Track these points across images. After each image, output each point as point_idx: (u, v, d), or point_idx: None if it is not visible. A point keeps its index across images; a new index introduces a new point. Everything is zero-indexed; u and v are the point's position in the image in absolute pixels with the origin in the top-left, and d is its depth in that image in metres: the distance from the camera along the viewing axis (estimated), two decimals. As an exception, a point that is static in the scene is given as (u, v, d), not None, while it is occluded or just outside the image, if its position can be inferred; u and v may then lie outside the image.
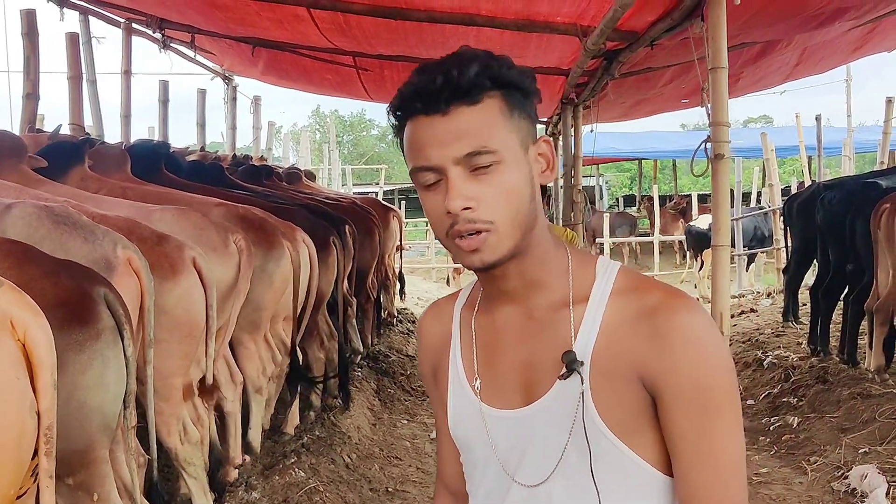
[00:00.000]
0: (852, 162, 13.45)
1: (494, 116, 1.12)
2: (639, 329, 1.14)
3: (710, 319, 1.16)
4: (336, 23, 5.94)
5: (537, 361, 1.21)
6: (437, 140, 1.11)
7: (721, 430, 1.12)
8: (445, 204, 1.11)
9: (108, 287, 2.35)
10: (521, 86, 1.16)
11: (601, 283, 1.21)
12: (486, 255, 1.13)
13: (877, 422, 4.61)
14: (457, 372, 1.31)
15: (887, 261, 5.21)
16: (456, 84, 1.10)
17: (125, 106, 7.46)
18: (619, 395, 1.14)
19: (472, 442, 1.29)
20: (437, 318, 1.39)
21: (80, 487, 2.34)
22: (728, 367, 1.14)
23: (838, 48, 7.24)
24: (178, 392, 3.22)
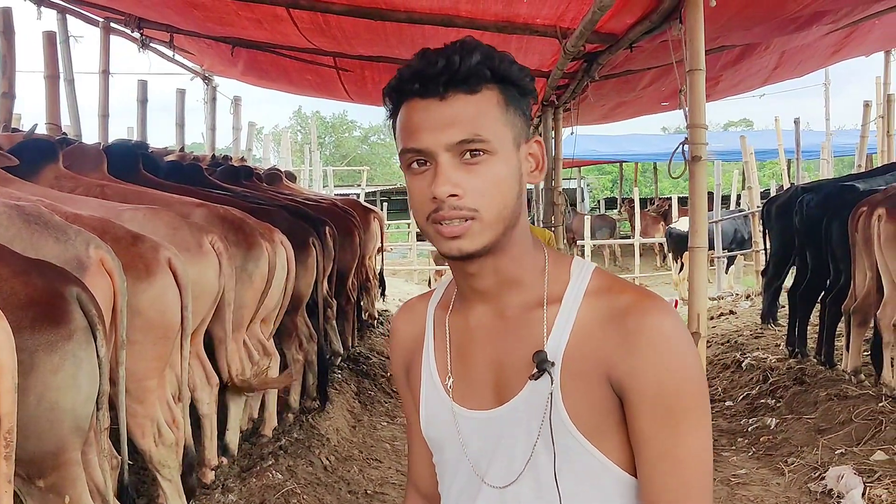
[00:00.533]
0: (830, 165, 13.56)
1: (491, 108, 1.13)
2: (609, 330, 1.14)
3: (679, 323, 1.16)
4: (315, 23, 5.91)
5: (509, 362, 1.21)
6: (431, 124, 1.12)
7: (685, 433, 1.11)
8: (432, 189, 1.11)
9: (80, 287, 2.33)
10: (520, 83, 1.17)
11: (575, 284, 1.21)
12: (465, 244, 1.13)
13: (853, 423, 4.65)
14: (430, 371, 1.30)
15: (865, 263, 5.25)
16: (456, 70, 1.11)
17: (103, 106, 7.41)
18: (588, 395, 1.14)
19: (444, 442, 1.29)
20: (410, 318, 1.39)
21: (51, 490, 2.31)
22: (696, 372, 1.14)
23: (816, 52, 7.30)
24: (152, 394, 3.19)
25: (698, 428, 1.12)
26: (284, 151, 15.36)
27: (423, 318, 1.36)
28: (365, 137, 45.27)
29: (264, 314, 4.36)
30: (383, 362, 7.43)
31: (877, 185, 6.12)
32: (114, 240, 2.99)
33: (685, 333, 1.15)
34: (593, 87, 6.63)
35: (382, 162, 43.69)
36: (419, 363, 1.33)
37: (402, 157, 1.16)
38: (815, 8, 4.64)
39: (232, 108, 10.64)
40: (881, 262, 4.95)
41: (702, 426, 1.13)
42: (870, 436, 4.46)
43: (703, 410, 1.14)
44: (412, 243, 18.37)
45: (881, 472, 3.98)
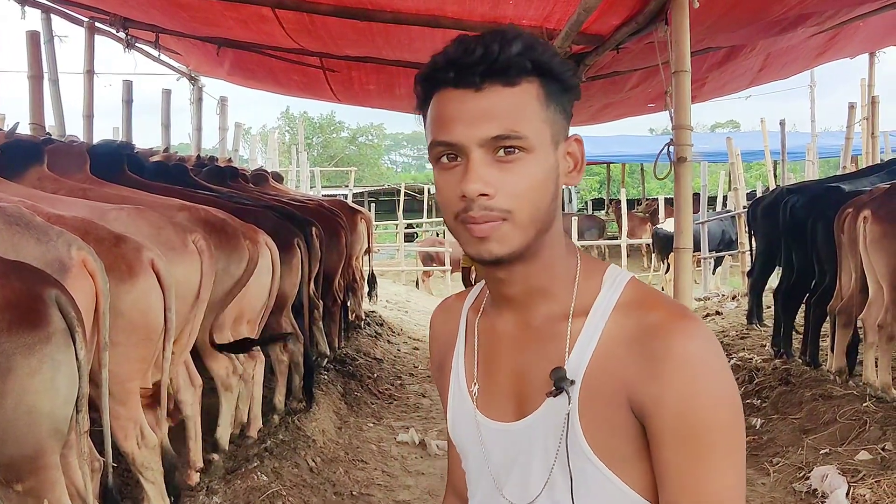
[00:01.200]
0: (816, 166, 13.63)
1: (530, 102, 1.05)
2: (633, 350, 1.06)
3: (711, 347, 1.04)
4: (301, 23, 5.90)
5: (531, 374, 1.15)
6: (465, 117, 1.04)
7: (710, 469, 1.01)
8: (462, 186, 1.04)
9: (59, 289, 2.30)
10: (562, 77, 1.09)
11: (605, 296, 1.13)
12: (495, 247, 1.06)
13: (837, 423, 4.66)
14: (458, 375, 1.26)
15: (850, 264, 5.27)
16: (494, 60, 1.03)
17: (88, 106, 7.38)
18: (608, 419, 1.07)
19: (468, 449, 1.25)
20: (446, 316, 1.35)
21: (29, 494, 2.29)
22: (726, 402, 1.03)
23: (801, 54, 7.34)
24: (135, 396, 3.17)
25: (726, 464, 1.02)
26: (271, 152, 15.32)
27: (457, 319, 1.31)
28: (353, 138, 45.23)
29: (249, 315, 4.34)
30: (370, 363, 7.41)
31: (862, 186, 6.15)
32: (96, 241, 2.96)
33: (717, 359, 1.04)
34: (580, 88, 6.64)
35: (370, 163, 43.73)
36: (450, 365, 1.29)
37: (431, 151, 1.09)
38: (800, 10, 4.67)
39: (218, 108, 10.60)
40: (866, 263, 4.98)
41: (731, 462, 1.02)
42: (854, 436, 4.48)
43: (733, 446, 1.03)
44: (400, 244, 18.35)
45: (865, 472, 4.00)
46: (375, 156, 46.74)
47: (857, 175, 7.26)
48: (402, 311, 11.21)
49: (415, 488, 4.71)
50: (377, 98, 9.11)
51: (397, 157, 65.23)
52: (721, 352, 1.06)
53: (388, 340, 8.83)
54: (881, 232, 4.81)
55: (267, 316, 4.64)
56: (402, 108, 9.83)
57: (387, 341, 8.76)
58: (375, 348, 8.12)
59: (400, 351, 8.56)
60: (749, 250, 8.25)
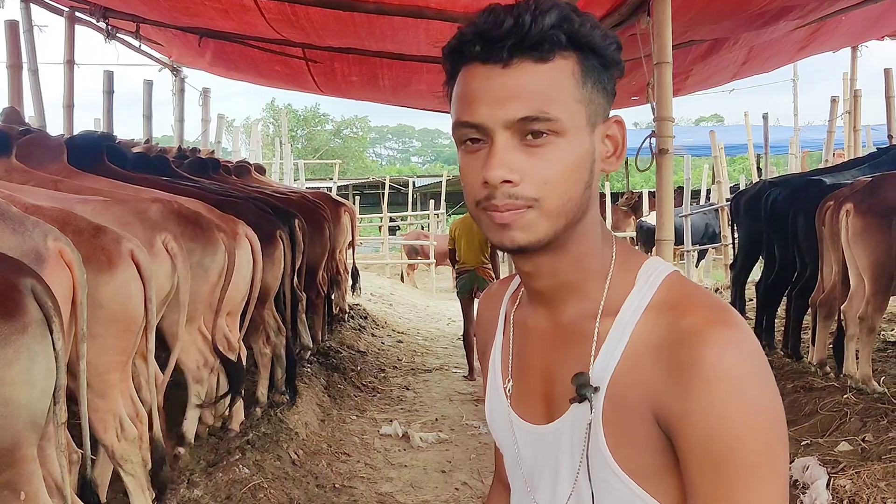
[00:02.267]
0: (799, 160, 13.70)
1: (564, 80, 0.95)
2: (662, 358, 0.95)
3: (751, 358, 0.92)
4: (283, 13, 5.86)
5: (559, 376, 1.06)
6: (490, 95, 0.95)
7: (743, 493, 0.90)
8: (484, 172, 0.95)
9: (35, 279, 2.27)
10: (603, 52, 0.98)
11: (638, 294, 1.02)
12: (518, 235, 0.97)
13: (819, 414, 4.69)
14: (494, 370, 1.20)
15: (831, 256, 5.30)
16: (526, 33, 0.93)
17: (68, 96, 7.30)
18: (634, 431, 0.97)
19: (504, 444, 1.19)
20: (489, 304, 1.27)
21: (6, 486, 2.25)
22: (765, 421, 0.91)
23: (784, 47, 7.37)
24: (114, 388, 3.13)
25: (763, 489, 0.90)
26: (255, 144, 15.25)
27: (499, 306, 1.23)
28: (337, 131, 45.09)
29: (229, 307, 4.31)
30: (353, 356, 7.40)
31: (843, 179, 6.18)
32: (75, 231, 2.93)
33: (756, 372, 0.92)
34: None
35: (355, 155, 43.59)
36: (489, 355, 1.23)
37: (454, 132, 1.00)
38: (783, 3, 4.68)
39: (201, 99, 10.53)
40: (848, 256, 5.00)
41: (768, 488, 0.90)
42: (835, 427, 4.50)
43: (770, 469, 0.90)
44: (384, 237, 18.31)
45: (846, 463, 4.02)
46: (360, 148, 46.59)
47: (839, 168, 7.30)
48: (387, 304, 11.20)
49: (397, 480, 4.70)
50: (360, 90, 9.07)
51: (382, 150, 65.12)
52: (762, 363, 0.94)
53: (372, 333, 8.82)
54: (863, 225, 4.84)
55: (252, 309, 4.61)
56: (385, 100, 9.79)
57: (371, 334, 8.75)
58: (359, 341, 8.11)
59: (384, 344, 8.55)
60: (732, 243, 8.29)
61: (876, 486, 3.76)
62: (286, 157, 16.44)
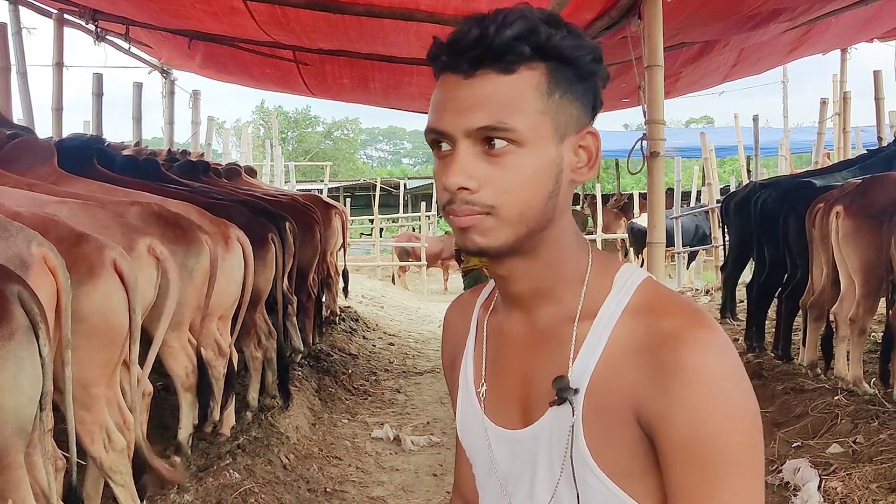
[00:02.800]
0: (789, 162, 13.74)
1: (527, 92, 0.96)
2: (641, 360, 0.97)
3: (727, 359, 0.95)
4: (274, 16, 5.85)
5: (536, 380, 1.07)
6: (454, 104, 0.97)
7: (724, 492, 0.93)
8: (443, 179, 0.98)
9: (21, 285, 2.25)
10: (575, 63, 0.99)
11: (615, 298, 1.04)
12: (478, 239, 0.99)
13: (809, 416, 4.69)
14: (466, 376, 1.20)
15: (822, 258, 5.30)
16: (489, 45, 0.95)
17: (57, 99, 7.28)
18: (614, 432, 0.99)
19: (476, 453, 1.19)
20: (459, 312, 1.28)
21: (-7, 494, 2.24)
22: (743, 420, 0.94)
23: (774, 49, 7.39)
24: (100, 400, 3.07)
25: (741, 487, 0.93)
26: (245, 146, 15.21)
27: (470, 315, 1.24)
28: (328, 132, 45.01)
29: (220, 311, 4.28)
30: (345, 359, 7.38)
31: (833, 181, 6.20)
32: (56, 239, 2.83)
33: (733, 373, 0.95)
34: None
35: (345, 158, 43.52)
36: (460, 363, 1.22)
37: (426, 137, 1.03)
38: (773, 6, 4.70)
39: (191, 102, 10.49)
40: (838, 257, 5.01)
41: (747, 486, 0.94)
42: (825, 429, 4.50)
43: (749, 466, 0.94)
44: (375, 239, 18.29)
45: (837, 465, 4.02)
46: (351, 150, 46.53)
47: (830, 170, 7.32)
48: (378, 306, 11.17)
49: (389, 484, 4.69)
50: (351, 92, 9.06)
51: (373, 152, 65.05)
52: (739, 364, 0.97)
53: (364, 336, 8.80)
54: (853, 227, 4.85)
55: (243, 313, 4.59)
56: (376, 102, 9.78)
57: (362, 337, 8.72)
58: (350, 344, 8.08)
59: (375, 347, 8.53)
60: (722, 245, 8.30)
61: (867, 487, 3.76)
62: (277, 160, 16.41)
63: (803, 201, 5.60)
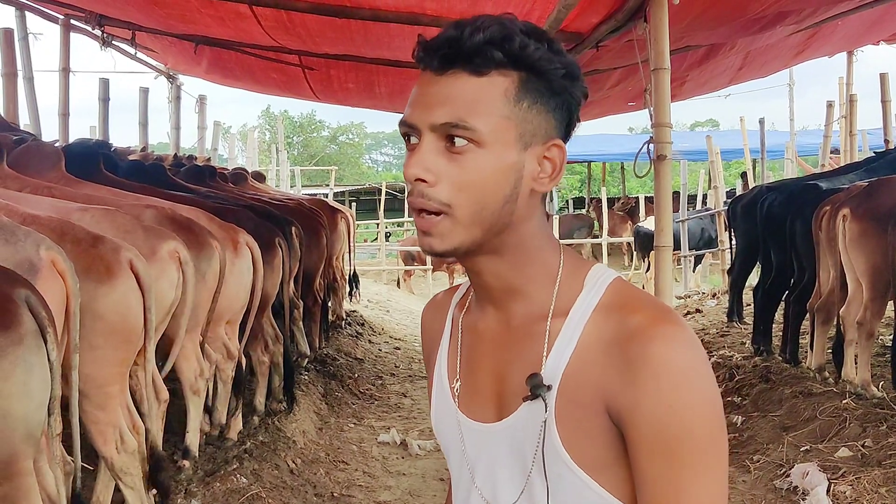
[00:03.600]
0: (794, 165, 13.71)
1: (494, 96, 1.00)
2: (612, 355, 1.01)
3: (694, 353, 1.00)
4: (280, 21, 5.86)
5: (510, 375, 1.11)
6: (423, 99, 1.02)
7: (690, 479, 0.97)
8: (404, 168, 1.02)
9: (30, 289, 2.25)
10: (546, 76, 1.02)
11: (586, 297, 1.07)
12: (434, 242, 1.03)
13: (818, 420, 4.68)
14: (440, 371, 1.23)
15: (828, 261, 5.29)
16: (460, 45, 0.99)
17: (63, 104, 7.31)
18: (586, 425, 1.03)
19: (449, 447, 1.22)
20: (435, 311, 1.32)
21: (3, 500, 2.23)
22: (707, 411, 0.99)
23: (780, 52, 7.38)
24: (114, 400, 3.10)
25: (707, 476, 0.98)
26: (251, 151, 15.20)
27: (445, 313, 1.27)
28: (333, 137, 45.00)
29: (228, 315, 4.29)
30: (351, 363, 7.38)
31: (840, 184, 6.18)
32: (73, 241, 2.91)
33: (699, 366, 0.99)
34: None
35: (351, 162, 43.51)
36: (435, 360, 1.26)
37: (399, 129, 1.06)
38: (779, 8, 4.68)
39: (197, 107, 10.52)
40: (845, 261, 4.99)
41: (712, 473, 0.99)
42: (834, 433, 4.49)
43: (713, 455, 0.99)
44: (381, 244, 18.28)
45: (845, 469, 4.01)
46: (356, 155, 46.53)
47: (836, 173, 7.30)
48: (384, 310, 11.17)
49: (396, 489, 4.68)
50: (356, 96, 9.07)
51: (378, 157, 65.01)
52: (704, 358, 1.02)
53: (370, 340, 8.79)
54: (860, 230, 4.83)
55: (252, 317, 4.60)
56: (381, 106, 9.79)
57: (368, 341, 8.72)
58: (356, 348, 8.08)
59: (381, 351, 8.53)
60: (729, 248, 8.28)
61: (876, 491, 3.75)
62: (282, 164, 16.43)
63: (809, 204, 5.59)
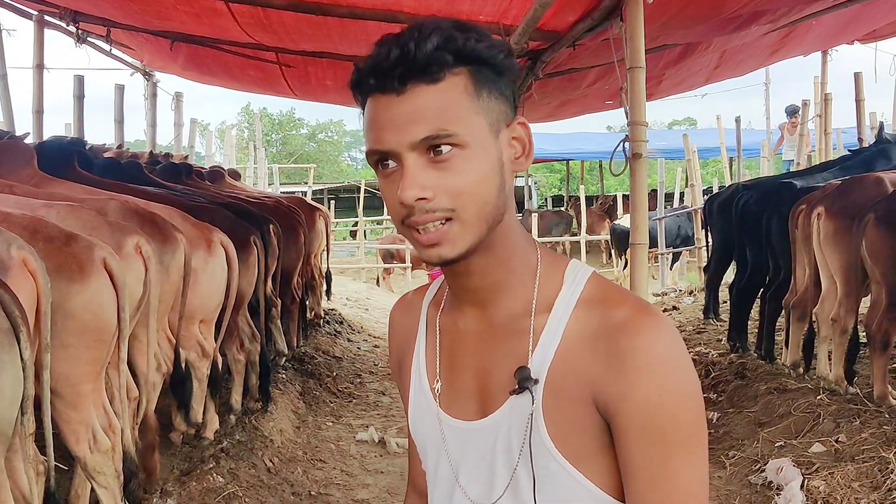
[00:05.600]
0: (770, 163, 13.83)
1: (458, 97, 1.01)
2: (598, 347, 1.04)
3: (676, 343, 1.04)
4: (256, 17, 5.82)
5: (494, 372, 1.12)
6: (392, 122, 1.00)
7: (677, 464, 1.02)
8: (399, 194, 1.00)
9: (2, 287, 2.23)
10: (492, 62, 1.04)
11: (567, 292, 1.10)
12: (445, 250, 1.03)
13: (792, 416, 4.72)
14: (419, 372, 1.23)
15: (804, 259, 5.34)
16: (413, 59, 0.99)
17: (37, 101, 7.22)
18: (572, 417, 1.06)
19: (428, 447, 1.23)
20: (405, 312, 1.32)
21: (-28, 498, 2.22)
22: (691, 398, 1.03)
23: (756, 52, 7.43)
24: (87, 399, 3.07)
25: (692, 459, 1.03)
26: (228, 149, 15.12)
27: (418, 314, 1.28)
28: (312, 135, 44.86)
29: (202, 315, 4.26)
30: (329, 362, 7.36)
31: (814, 182, 6.24)
32: (46, 239, 2.88)
33: (682, 356, 1.04)
34: (537, 85, 6.65)
35: (330, 160, 43.39)
36: (410, 362, 1.26)
37: (368, 159, 1.06)
38: (753, 8, 4.72)
39: (173, 104, 10.44)
40: (820, 258, 5.04)
41: (696, 457, 1.03)
42: (808, 428, 4.53)
43: (698, 440, 1.04)
44: (359, 242, 18.24)
45: (819, 464, 4.05)
46: (335, 153, 46.40)
47: (810, 171, 7.37)
48: (363, 308, 11.15)
49: (374, 487, 4.68)
50: (335, 93, 9.03)
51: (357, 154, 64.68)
52: (685, 348, 1.06)
53: (348, 339, 8.77)
54: (834, 228, 4.88)
55: (228, 316, 4.56)
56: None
57: (346, 339, 8.70)
58: (335, 347, 8.06)
59: (360, 349, 8.51)
60: (705, 246, 8.34)
61: (850, 486, 3.79)
62: (261, 162, 16.35)
63: (785, 202, 5.64)
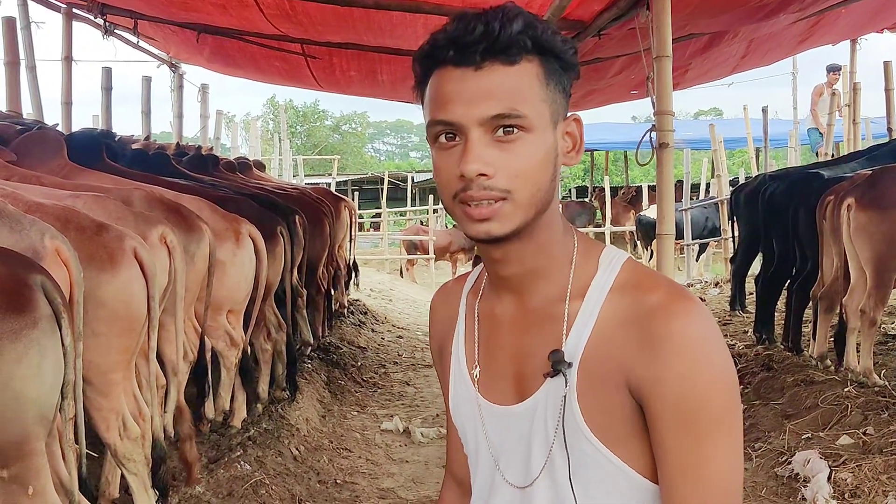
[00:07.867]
0: (798, 153, 13.68)
1: (531, 81, 1.04)
2: (632, 332, 1.06)
3: (710, 328, 1.05)
4: (282, 9, 5.85)
5: (530, 356, 1.15)
6: (464, 96, 1.03)
7: (710, 448, 1.03)
8: (461, 167, 1.03)
9: (44, 275, 2.28)
10: (563, 56, 1.08)
11: (602, 277, 1.13)
12: (494, 227, 1.05)
13: (819, 408, 4.68)
14: (458, 358, 1.27)
15: (832, 250, 5.29)
16: (496, 38, 1.02)
17: (66, 93, 7.31)
18: (606, 400, 1.08)
19: (468, 432, 1.26)
20: (445, 300, 1.35)
21: (14, 480, 2.26)
22: (725, 382, 1.04)
23: (784, 40, 7.36)
24: (117, 387, 3.12)
25: (726, 443, 1.03)
26: (253, 140, 15.21)
27: (457, 302, 1.31)
28: (336, 126, 45.01)
29: (230, 305, 4.29)
30: (354, 352, 7.40)
31: (843, 173, 6.17)
32: (77, 229, 2.92)
33: (716, 340, 1.05)
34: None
35: (354, 151, 43.55)
36: (450, 349, 1.29)
37: (429, 129, 1.08)
38: (782, -4, 4.67)
39: (199, 96, 10.51)
40: (850, 250, 4.98)
41: (730, 441, 1.04)
42: (835, 420, 4.50)
43: (731, 424, 1.04)
44: (383, 233, 18.29)
45: (847, 456, 4.02)
46: (359, 144, 46.56)
47: (839, 161, 7.29)
48: (387, 299, 11.19)
49: (399, 476, 4.70)
50: (359, 85, 9.05)
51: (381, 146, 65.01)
52: (719, 332, 1.07)
53: (372, 329, 8.82)
54: (865, 219, 4.82)
55: (257, 307, 4.60)
56: (384, 95, 9.78)
57: (371, 330, 8.74)
58: (359, 337, 8.10)
59: (384, 339, 8.55)
60: (732, 237, 8.28)
61: (877, 479, 3.76)
62: (285, 153, 16.42)
63: (812, 193, 5.58)
